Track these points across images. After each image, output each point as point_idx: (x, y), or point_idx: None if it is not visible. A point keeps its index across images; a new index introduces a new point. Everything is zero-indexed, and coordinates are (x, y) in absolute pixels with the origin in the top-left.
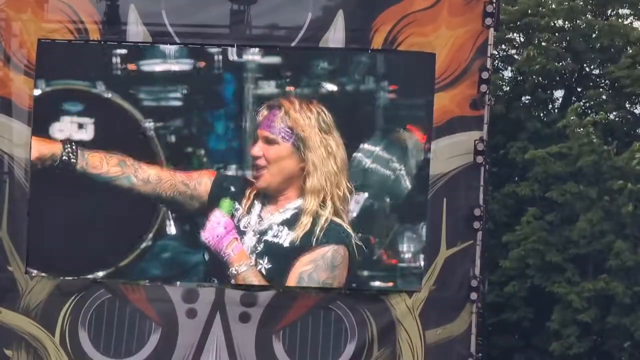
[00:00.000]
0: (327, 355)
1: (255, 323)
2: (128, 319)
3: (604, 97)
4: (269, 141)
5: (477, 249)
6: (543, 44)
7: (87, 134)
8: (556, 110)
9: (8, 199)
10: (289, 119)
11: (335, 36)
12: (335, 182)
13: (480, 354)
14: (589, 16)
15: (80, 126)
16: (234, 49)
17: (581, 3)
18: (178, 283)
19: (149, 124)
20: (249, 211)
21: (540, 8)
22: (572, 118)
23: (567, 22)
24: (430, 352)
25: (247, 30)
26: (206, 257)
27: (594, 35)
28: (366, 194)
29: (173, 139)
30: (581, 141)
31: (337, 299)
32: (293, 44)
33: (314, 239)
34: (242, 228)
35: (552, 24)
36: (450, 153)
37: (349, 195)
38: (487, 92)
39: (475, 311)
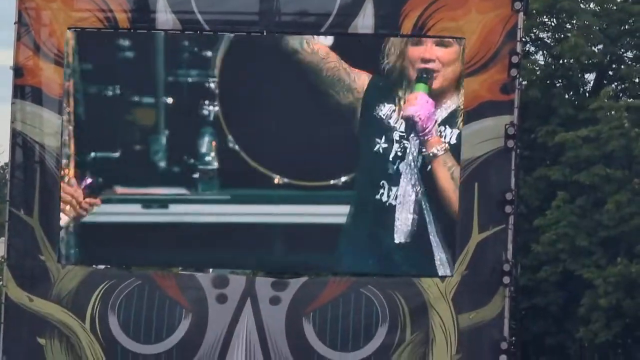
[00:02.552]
0: (358, 338)
1: (286, 305)
2: (157, 305)
3: (637, 79)
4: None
5: (509, 233)
6: (575, 28)
7: None
8: (587, 94)
9: (39, 188)
10: None
11: (364, 22)
12: None
13: (513, 338)
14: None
15: None
16: None
17: None
18: (210, 270)
19: None
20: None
21: None
22: (605, 101)
23: (600, 6)
24: (463, 336)
25: (276, 17)
26: None
27: (628, 20)
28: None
29: None
30: (612, 124)
31: (368, 283)
32: (322, 30)
33: None
34: None
35: (587, 8)
36: (481, 137)
37: None
38: (517, 76)
39: (508, 295)
